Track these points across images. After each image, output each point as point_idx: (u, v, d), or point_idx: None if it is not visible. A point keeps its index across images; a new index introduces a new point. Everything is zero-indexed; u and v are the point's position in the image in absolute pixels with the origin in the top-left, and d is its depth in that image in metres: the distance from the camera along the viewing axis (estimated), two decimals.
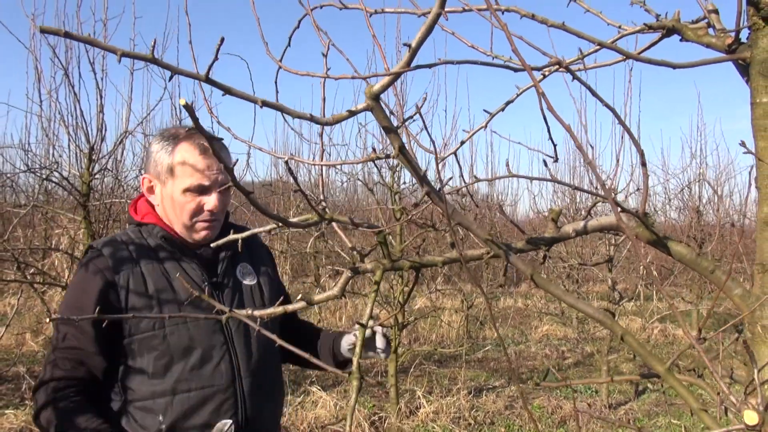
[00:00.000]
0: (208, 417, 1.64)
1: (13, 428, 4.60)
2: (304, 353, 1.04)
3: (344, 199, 12.52)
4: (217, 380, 1.67)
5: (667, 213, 11.17)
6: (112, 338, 1.62)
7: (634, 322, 9.76)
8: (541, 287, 1.13)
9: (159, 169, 1.71)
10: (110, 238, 1.72)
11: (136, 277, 1.65)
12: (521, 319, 10.93)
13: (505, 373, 7.39)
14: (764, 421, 0.71)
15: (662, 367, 1.11)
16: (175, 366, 1.64)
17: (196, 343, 1.66)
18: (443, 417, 5.47)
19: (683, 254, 1.38)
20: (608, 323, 1.13)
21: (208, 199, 1.69)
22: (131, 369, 1.64)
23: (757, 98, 1.32)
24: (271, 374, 1.83)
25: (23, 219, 6.92)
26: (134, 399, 1.63)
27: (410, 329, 8.55)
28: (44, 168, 4.81)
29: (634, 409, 6.13)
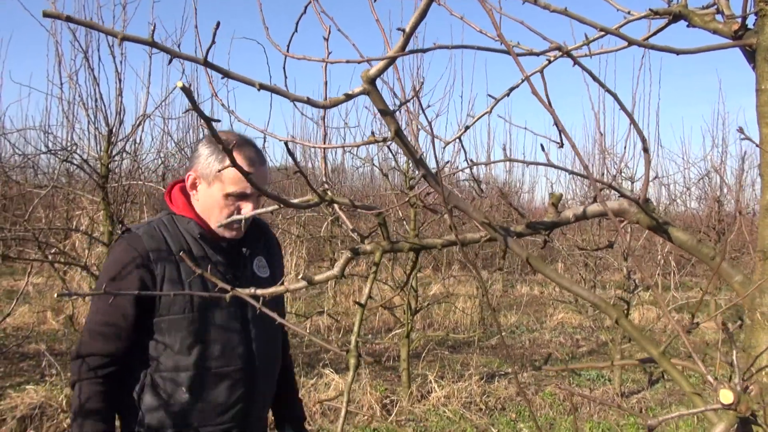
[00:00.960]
0: (223, 392, 1.87)
1: (33, 403, 4.71)
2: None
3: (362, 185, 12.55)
4: (234, 362, 1.88)
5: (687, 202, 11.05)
6: (144, 317, 1.81)
7: (651, 311, 9.71)
8: (537, 270, 1.14)
9: (208, 171, 1.86)
10: (148, 225, 1.89)
11: (171, 265, 1.82)
12: (537, 306, 10.92)
13: (518, 359, 7.41)
14: (740, 399, 0.72)
15: (656, 351, 1.12)
16: (199, 346, 1.83)
17: (218, 328, 1.86)
18: (454, 401, 5.51)
19: (683, 240, 1.39)
20: (603, 306, 1.14)
21: (246, 205, 1.86)
22: (159, 344, 1.83)
23: (763, 84, 1.31)
24: (276, 360, 2.08)
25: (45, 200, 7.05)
26: (160, 370, 1.82)
27: (424, 314, 8.59)
28: (64, 149, 4.89)
29: (647, 398, 6.12)
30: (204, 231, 1.89)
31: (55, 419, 4.64)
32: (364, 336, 8.12)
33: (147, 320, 1.81)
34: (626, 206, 1.39)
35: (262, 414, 2.04)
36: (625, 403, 5.95)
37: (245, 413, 1.91)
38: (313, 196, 1.15)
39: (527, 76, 0.79)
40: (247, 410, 1.91)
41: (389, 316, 8.00)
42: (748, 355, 1.39)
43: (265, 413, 2.07)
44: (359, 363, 1.10)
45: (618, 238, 6.35)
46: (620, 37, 1.31)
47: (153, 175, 6.40)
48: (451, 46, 0.98)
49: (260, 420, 2.02)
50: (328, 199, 1.14)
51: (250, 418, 1.94)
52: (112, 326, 1.79)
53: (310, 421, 4.98)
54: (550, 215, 1.31)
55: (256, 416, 1.98)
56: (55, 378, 5.47)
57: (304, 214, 8.79)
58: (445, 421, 5.22)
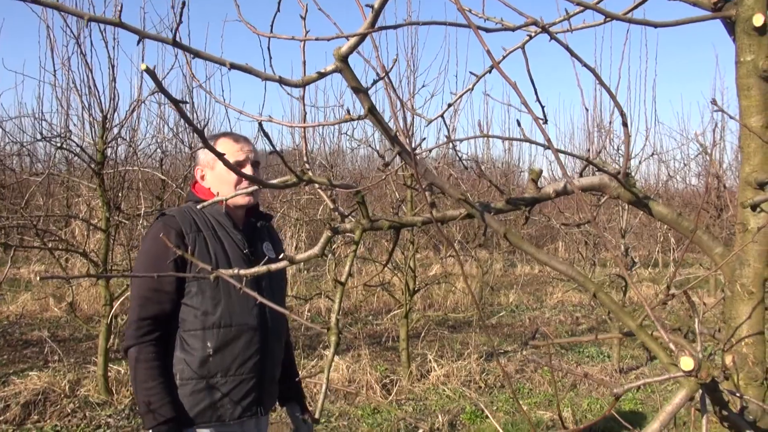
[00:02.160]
0: (242, 347, 2.19)
1: (36, 389, 4.76)
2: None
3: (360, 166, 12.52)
4: (250, 321, 2.21)
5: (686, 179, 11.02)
6: (181, 281, 2.16)
7: (650, 288, 9.74)
8: (515, 245, 1.15)
9: (208, 158, 2.28)
10: (180, 210, 2.24)
11: (200, 240, 2.17)
12: (537, 285, 10.96)
13: (518, 337, 7.46)
14: (700, 366, 0.73)
15: (634, 323, 1.13)
16: (222, 306, 2.16)
17: (237, 293, 2.16)
18: (454, 380, 5.56)
19: (664, 214, 1.39)
20: (580, 280, 1.15)
21: (246, 171, 2.16)
22: (187, 306, 2.16)
23: (741, 57, 1.31)
24: (283, 321, 2.41)
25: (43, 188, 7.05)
26: (188, 329, 2.15)
27: (424, 295, 8.63)
28: (59, 136, 4.89)
29: (645, 374, 6.16)
30: (228, 209, 2.26)
31: (58, 404, 4.69)
32: (365, 317, 8.17)
33: (183, 284, 2.15)
34: (606, 181, 1.39)
35: (275, 372, 2.33)
36: (624, 379, 5.99)
37: (261, 366, 2.23)
38: (291, 177, 1.15)
39: (487, 50, 0.79)
40: (262, 363, 2.23)
41: (389, 298, 8.04)
42: (728, 326, 1.40)
43: (276, 372, 2.35)
44: (339, 340, 1.11)
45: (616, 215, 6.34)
46: (599, 11, 1.30)
47: (149, 161, 6.40)
48: (422, 22, 0.98)
49: (273, 378, 2.33)
50: (306, 179, 1.14)
51: (265, 372, 2.26)
52: (159, 291, 2.12)
53: (311, 402, 5.03)
54: (530, 191, 1.31)
55: (270, 373, 2.29)
56: (58, 364, 5.52)
57: (302, 197, 8.79)
58: (444, 400, 5.27)
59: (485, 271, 8.59)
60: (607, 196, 1.39)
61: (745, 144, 1.35)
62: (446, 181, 1.07)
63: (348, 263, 1.19)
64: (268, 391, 2.31)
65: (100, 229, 4.76)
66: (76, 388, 4.98)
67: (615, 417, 0.91)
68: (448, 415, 4.87)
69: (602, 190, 1.38)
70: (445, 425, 4.70)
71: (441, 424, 4.70)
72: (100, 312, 5.75)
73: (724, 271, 1.37)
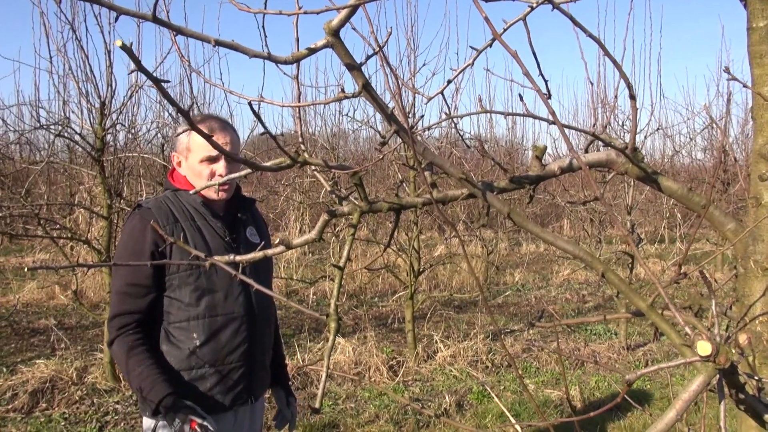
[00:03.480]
0: (229, 336, 2.16)
1: (44, 377, 4.77)
2: None
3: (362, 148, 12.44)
4: (237, 310, 2.18)
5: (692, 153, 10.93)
6: (160, 275, 2.11)
7: (656, 265, 9.69)
8: (519, 225, 1.11)
9: (182, 147, 2.20)
10: (155, 200, 2.19)
11: (178, 231, 2.12)
12: (543, 264, 10.92)
13: (524, 316, 7.44)
14: (718, 351, 0.69)
15: (644, 304, 1.09)
16: (206, 298, 2.13)
17: (221, 281, 2.15)
18: (460, 360, 5.55)
19: (674, 190, 1.35)
20: (588, 260, 1.11)
21: (218, 166, 2.15)
22: (171, 299, 2.12)
23: (754, 22, 1.25)
24: (271, 307, 2.37)
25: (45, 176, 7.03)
26: (173, 321, 2.12)
27: (429, 276, 8.61)
28: (57, 124, 4.84)
29: (653, 351, 6.14)
30: (205, 199, 2.19)
31: (66, 392, 4.70)
32: (370, 299, 8.16)
33: (162, 278, 2.10)
34: (614, 157, 1.34)
35: (264, 359, 2.31)
36: (631, 356, 5.97)
37: (250, 354, 2.20)
38: (285, 159, 1.11)
39: (485, 17, 0.74)
40: (251, 351, 2.21)
41: (395, 279, 8.02)
42: (741, 304, 1.36)
43: (266, 359, 2.34)
44: (339, 327, 1.07)
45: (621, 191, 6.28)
46: None
47: (149, 147, 6.35)
48: None
49: (263, 365, 2.31)
50: (300, 160, 1.10)
51: (255, 360, 2.23)
52: (136, 286, 2.08)
53: (318, 385, 5.03)
54: (535, 169, 1.26)
55: (260, 360, 2.27)
56: (65, 352, 5.53)
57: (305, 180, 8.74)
58: (451, 380, 5.26)
59: (490, 250, 8.54)
60: (614, 172, 1.34)
61: (758, 114, 1.29)
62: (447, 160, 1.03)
63: (347, 247, 1.15)
64: (259, 378, 2.29)
65: (102, 216, 4.73)
66: (83, 375, 4.98)
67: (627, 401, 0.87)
68: (456, 396, 4.87)
69: (609, 166, 1.34)
70: (452, 405, 4.69)
71: (448, 405, 4.69)
72: (105, 299, 5.74)
73: (737, 247, 1.33)
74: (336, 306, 1.08)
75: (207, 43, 0.87)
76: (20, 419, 4.34)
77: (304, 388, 5.02)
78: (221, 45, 0.87)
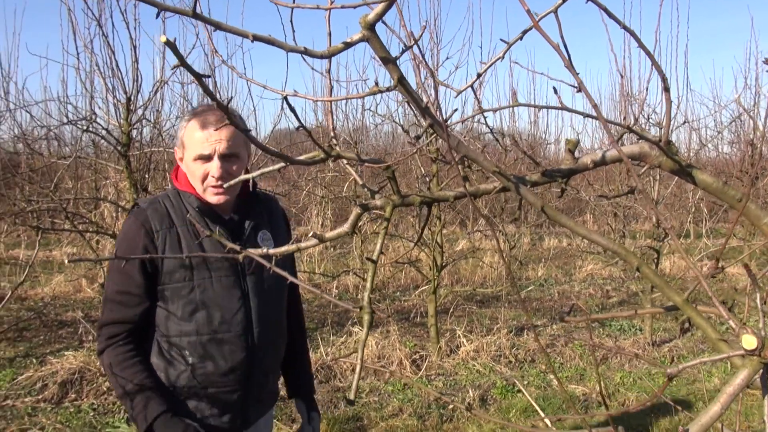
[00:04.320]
0: (224, 355, 1.96)
1: (73, 368, 4.85)
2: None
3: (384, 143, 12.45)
4: (234, 327, 1.97)
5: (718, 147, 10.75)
6: (151, 284, 1.93)
7: (682, 260, 9.56)
8: (552, 219, 1.10)
9: (179, 142, 1.99)
10: (153, 200, 1.99)
11: (172, 237, 1.92)
12: (565, 259, 10.84)
13: (547, 312, 7.40)
14: (764, 345, 0.68)
15: (680, 298, 1.08)
16: (199, 313, 1.93)
17: (218, 296, 1.95)
18: (483, 355, 5.54)
19: (709, 183, 1.33)
20: (623, 254, 1.10)
21: (211, 165, 1.91)
22: (164, 311, 1.95)
23: None
24: (278, 325, 2.13)
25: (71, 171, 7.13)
26: (166, 335, 1.95)
27: (452, 270, 8.59)
28: (84, 119, 4.91)
29: (678, 347, 6.08)
30: (202, 204, 1.96)
31: (94, 383, 4.78)
32: (393, 293, 8.17)
33: (154, 287, 1.92)
34: (647, 149, 1.32)
35: (265, 380, 2.09)
36: (657, 352, 5.91)
37: (246, 377, 2.00)
38: (318, 152, 1.11)
39: (527, 10, 0.74)
40: (247, 375, 2.00)
41: (417, 274, 8.02)
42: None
43: (269, 380, 2.12)
44: (373, 319, 1.08)
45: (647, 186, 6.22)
46: None
47: (174, 142, 6.41)
48: None
49: (263, 386, 2.09)
50: (334, 154, 1.11)
51: (252, 383, 2.03)
52: (126, 294, 1.90)
53: (341, 379, 5.06)
54: (567, 162, 1.25)
55: (260, 383, 2.06)
56: (93, 344, 5.63)
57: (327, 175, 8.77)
58: (474, 375, 5.25)
59: (512, 245, 8.50)
60: (647, 165, 1.33)
61: None
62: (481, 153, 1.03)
63: (379, 240, 1.15)
64: (258, 401, 2.09)
65: (128, 210, 4.80)
66: None
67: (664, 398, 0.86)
68: (479, 390, 4.86)
69: (642, 159, 1.32)
70: (476, 400, 4.69)
71: (472, 399, 4.69)
72: None
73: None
74: (369, 298, 1.09)
75: (245, 38, 0.87)
76: (50, 409, 4.43)
77: (327, 381, 5.05)
78: (259, 39, 0.88)
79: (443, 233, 6.03)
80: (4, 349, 5.66)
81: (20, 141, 6.97)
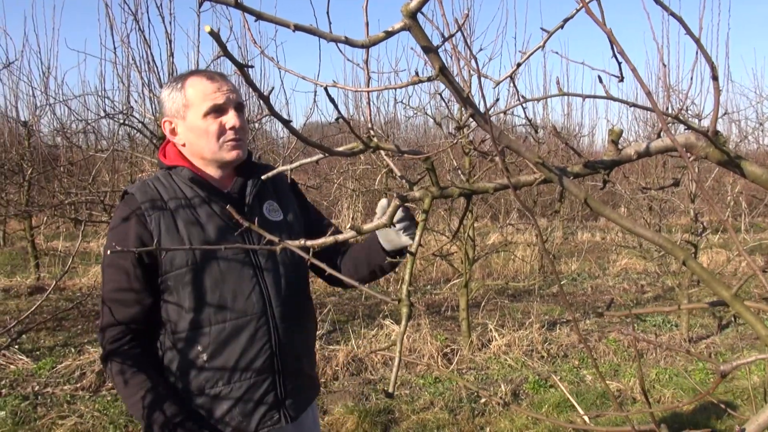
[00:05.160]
0: (244, 344, 1.76)
1: None
2: (334, 272, 1.06)
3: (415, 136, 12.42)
4: (250, 310, 1.77)
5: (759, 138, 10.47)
6: (150, 276, 1.74)
7: (720, 254, 9.36)
8: (595, 211, 1.08)
9: (176, 107, 1.78)
10: (142, 183, 1.80)
11: (167, 219, 1.73)
12: (599, 253, 10.69)
13: (580, 306, 7.30)
14: None
15: (728, 293, 1.05)
16: (209, 299, 1.73)
17: (227, 278, 1.75)
18: (515, 350, 5.50)
19: (758, 175, 1.28)
20: (668, 247, 1.07)
21: (227, 117, 1.76)
22: (170, 304, 1.75)
23: None
24: (301, 303, 1.91)
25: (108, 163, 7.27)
26: (176, 331, 1.75)
27: (483, 264, 8.54)
28: (121, 113, 4.99)
29: (716, 343, 5.95)
30: (196, 175, 1.78)
31: None
32: (423, 287, 8.16)
33: (154, 280, 1.73)
34: (693, 140, 1.29)
35: (298, 365, 1.88)
36: (694, 349, 5.79)
37: (275, 361, 1.80)
38: (357, 144, 1.11)
39: (585, 3, 0.72)
40: (277, 358, 1.80)
41: (448, 267, 7.99)
42: None
43: (302, 364, 1.90)
44: (411, 312, 1.07)
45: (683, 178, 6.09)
46: None
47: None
48: None
49: (297, 372, 1.87)
50: (373, 145, 1.10)
51: (286, 368, 1.83)
52: (123, 292, 1.72)
53: (372, 371, 5.07)
54: (610, 153, 1.23)
55: (293, 367, 1.85)
56: None
57: (358, 168, 8.78)
58: (506, 369, 5.22)
59: (545, 239, 8.41)
60: (693, 156, 1.29)
61: None
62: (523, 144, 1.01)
63: (418, 232, 1.14)
64: (296, 389, 1.86)
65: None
66: None
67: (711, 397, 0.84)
68: (511, 385, 4.83)
69: (689, 150, 1.28)
70: (508, 394, 4.66)
71: (504, 393, 4.66)
72: None
73: None
74: (408, 291, 1.08)
75: (287, 27, 0.87)
76: (88, 397, 4.53)
77: (358, 374, 5.06)
78: (300, 29, 0.87)
79: (474, 226, 5.99)
80: (44, 339, 5.81)
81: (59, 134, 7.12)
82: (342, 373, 5.03)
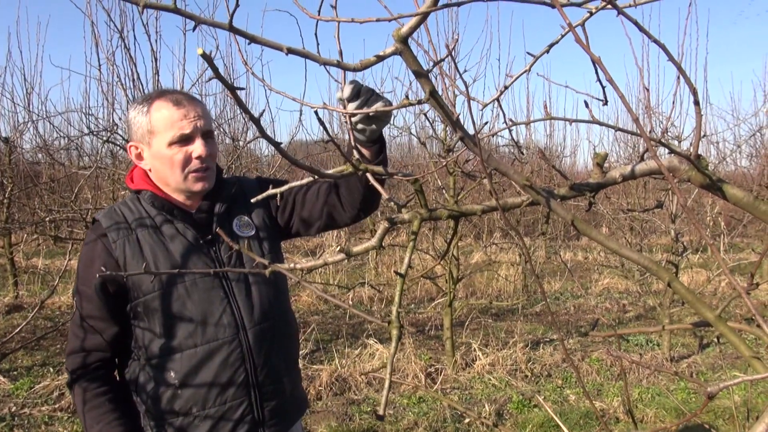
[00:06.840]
0: (216, 369, 1.71)
1: None
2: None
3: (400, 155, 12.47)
4: (221, 334, 1.72)
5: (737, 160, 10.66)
6: (119, 304, 1.71)
7: (700, 274, 9.47)
8: (583, 233, 1.09)
9: (141, 132, 1.72)
10: (109, 209, 1.78)
11: (131, 244, 1.69)
12: (581, 272, 10.76)
13: (563, 325, 7.34)
14: None
15: (712, 314, 1.07)
16: (179, 324, 1.69)
17: (195, 301, 1.70)
18: (499, 369, 5.50)
19: (739, 198, 1.31)
20: (654, 269, 1.09)
21: (194, 147, 1.71)
22: (143, 330, 1.72)
23: None
24: (278, 321, 1.84)
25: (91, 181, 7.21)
26: (150, 357, 1.71)
27: (466, 283, 8.56)
28: (105, 130, 4.96)
29: (697, 363, 6.00)
30: (158, 197, 1.74)
31: None
32: (407, 306, 8.15)
33: (123, 307, 1.70)
34: (676, 163, 1.31)
35: (279, 387, 1.82)
36: (675, 368, 5.83)
37: (252, 386, 1.75)
38: (347, 166, 1.11)
39: (568, 23, 0.74)
40: (252, 383, 1.75)
41: (432, 286, 8.00)
42: None
43: (283, 385, 1.84)
44: (401, 333, 1.07)
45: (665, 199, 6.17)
46: None
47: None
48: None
49: (277, 394, 1.81)
50: (362, 168, 1.11)
51: (263, 391, 1.77)
52: (91, 319, 1.69)
53: (356, 391, 5.04)
54: (596, 176, 1.25)
55: (272, 388, 1.79)
56: None
57: None
58: (490, 389, 5.21)
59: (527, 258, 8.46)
60: (676, 179, 1.32)
61: None
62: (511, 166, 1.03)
63: (407, 254, 1.14)
64: (274, 410, 1.80)
65: None
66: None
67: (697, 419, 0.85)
68: (495, 404, 4.82)
69: (672, 172, 1.31)
70: (491, 414, 4.65)
71: (488, 413, 4.65)
72: None
73: None
74: (398, 313, 1.08)
75: (279, 50, 0.88)
76: (66, 418, 4.45)
77: (342, 393, 5.03)
78: (293, 52, 0.88)
79: (458, 245, 6.01)
80: (22, 358, 5.71)
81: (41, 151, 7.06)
82: (325, 393, 5.00)
